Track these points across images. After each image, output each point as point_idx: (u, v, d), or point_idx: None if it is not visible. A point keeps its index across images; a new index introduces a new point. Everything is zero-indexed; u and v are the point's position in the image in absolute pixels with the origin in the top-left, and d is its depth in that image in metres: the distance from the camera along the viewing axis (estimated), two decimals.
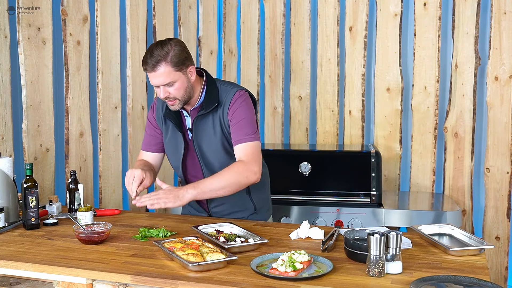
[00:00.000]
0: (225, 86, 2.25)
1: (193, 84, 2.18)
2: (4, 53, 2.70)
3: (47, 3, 2.76)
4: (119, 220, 2.30)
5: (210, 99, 2.20)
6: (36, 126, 2.73)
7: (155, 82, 2.10)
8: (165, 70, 2.06)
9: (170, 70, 2.06)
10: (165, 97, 2.13)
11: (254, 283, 1.52)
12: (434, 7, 3.50)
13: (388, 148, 3.66)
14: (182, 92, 2.13)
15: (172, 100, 2.14)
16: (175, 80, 2.09)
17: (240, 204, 2.32)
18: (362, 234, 1.84)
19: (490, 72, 3.43)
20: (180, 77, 2.10)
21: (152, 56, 2.06)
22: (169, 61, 2.05)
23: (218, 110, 2.20)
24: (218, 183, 2.08)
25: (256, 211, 2.36)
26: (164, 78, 2.07)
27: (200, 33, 3.79)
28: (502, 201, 3.46)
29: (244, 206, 2.33)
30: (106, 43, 3.05)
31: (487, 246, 1.81)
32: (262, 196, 2.39)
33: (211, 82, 2.25)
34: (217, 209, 2.34)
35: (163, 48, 2.07)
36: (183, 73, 2.11)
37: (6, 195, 2.20)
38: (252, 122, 2.20)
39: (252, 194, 2.33)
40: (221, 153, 2.22)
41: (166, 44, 2.08)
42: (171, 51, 2.06)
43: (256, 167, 2.13)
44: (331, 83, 3.76)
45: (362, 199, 3.04)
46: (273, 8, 3.88)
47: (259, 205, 2.37)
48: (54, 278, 1.73)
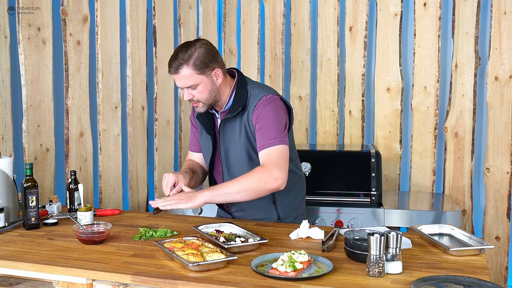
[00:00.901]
0: (255, 90, 2.18)
1: (221, 87, 2.13)
2: (4, 53, 2.70)
3: (47, 3, 2.76)
4: (119, 220, 2.30)
5: (237, 102, 2.15)
6: (36, 126, 2.73)
7: (179, 85, 2.10)
8: (187, 73, 2.05)
9: (192, 73, 2.05)
10: (189, 99, 2.12)
11: (254, 283, 1.52)
12: (434, 7, 3.50)
13: (388, 148, 3.66)
14: (206, 95, 2.10)
15: (196, 102, 2.13)
16: (198, 83, 2.07)
17: (263, 211, 2.25)
18: (362, 234, 1.84)
19: (490, 72, 3.43)
20: (203, 80, 2.07)
21: (176, 58, 2.05)
22: (191, 64, 2.04)
23: (244, 114, 2.15)
24: (234, 187, 2.02)
25: (280, 220, 2.27)
26: (187, 81, 2.06)
27: (200, 33, 3.79)
28: (502, 201, 3.46)
29: (267, 214, 2.26)
30: (106, 43, 3.05)
31: (487, 246, 1.81)
32: (289, 206, 2.28)
33: (241, 84, 2.19)
34: (239, 214, 2.30)
35: (187, 50, 2.05)
36: (206, 76, 2.08)
37: (6, 195, 2.20)
38: (277, 125, 2.09)
39: (277, 202, 2.24)
40: (244, 158, 2.17)
41: (191, 47, 2.06)
42: (195, 53, 2.05)
43: (278, 172, 2.01)
44: (331, 83, 3.76)
45: (362, 199, 3.04)
46: (273, 8, 3.88)
47: (284, 214, 2.27)
48: (54, 278, 1.73)
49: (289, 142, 2.23)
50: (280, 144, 2.07)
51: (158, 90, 3.43)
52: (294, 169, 2.30)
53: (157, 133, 3.46)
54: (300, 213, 2.36)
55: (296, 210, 2.33)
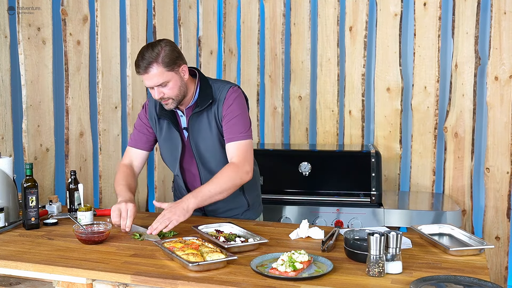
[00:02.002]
0: (217, 84, 2.28)
1: (187, 83, 2.20)
2: (4, 53, 2.70)
3: (47, 3, 2.76)
4: None
5: (204, 96, 2.23)
6: (36, 126, 2.73)
7: (149, 84, 2.12)
8: (157, 71, 2.08)
9: (162, 70, 2.09)
10: (160, 98, 2.15)
11: (254, 283, 1.52)
12: (434, 7, 3.50)
13: (388, 148, 3.66)
14: (176, 91, 2.15)
15: (166, 100, 2.16)
16: (168, 80, 2.11)
17: (234, 201, 2.35)
18: (362, 234, 1.84)
19: (490, 72, 3.43)
20: (173, 76, 2.12)
21: (144, 58, 2.08)
22: (160, 62, 2.08)
23: (213, 107, 2.23)
24: (215, 189, 2.10)
25: (249, 207, 2.40)
26: (157, 79, 2.09)
27: (200, 33, 3.79)
28: (502, 201, 3.46)
29: (238, 203, 2.37)
30: (106, 43, 3.05)
31: (487, 246, 1.81)
32: (254, 193, 2.44)
33: (204, 80, 2.28)
34: (212, 207, 2.35)
35: (153, 49, 2.09)
36: (175, 73, 2.13)
37: (6, 195, 2.20)
38: (245, 119, 2.23)
39: (245, 192, 2.37)
40: (217, 149, 2.25)
41: (156, 46, 2.11)
42: (162, 51, 2.09)
43: (248, 166, 2.18)
44: (331, 83, 3.76)
45: (362, 199, 3.04)
46: (273, 8, 3.87)
47: (252, 201, 2.41)
48: (54, 278, 1.73)
49: None
50: (248, 138, 2.21)
51: None
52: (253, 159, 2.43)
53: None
54: (261, 201, 2.54)
55: (259, 197, 2.51)
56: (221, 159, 2.25)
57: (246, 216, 2.39)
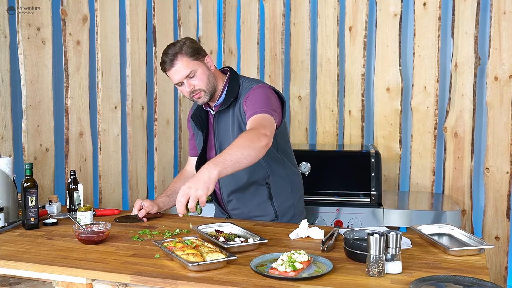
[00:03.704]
0: (246, 82, 2.22)
1: (215, 75, 2.19)
2: (3, 53, 2.70)
3: (47, 3, 2.76)
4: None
5: (230, 93, 2.19)
6: (35, 126, 2.73)
7: (178, 78, 2.11)
8: (183, 63, 2.10)
9: (187, 60, 2.10)
10: (191, 91, 2.13)
11: (254, 283, 1.52)
12: (434, 7, 3.50)
13: (387, 148, 3.66)
14: (206, 80, 2.14)
15: (198, 92, 2.14)
16: (195, 69, 2.12)
17: (259, 208, 2.27)
18: (361, 234, 1.84)
19: (489, 72, 3.43)
20: (199, 66, 2.13)
21: (167, 54, 2.11)
22: (184, 53, 2.10)
23: (236, 106, 2.18)
24: (235, 150, 1.83)
25: (277, 217, 2.27)
26: (184, 70, 2.10)
27: (200, 33, 3.79)
28: (501, 201, 3.46)
29: (264, 211, 2.27)
30: (105, 43, 3.05)
31: (486, 246, 1.81)
32: (286, 203, 2.29)
33: (234, 78, 2.24)
34: (235, 212, 2.31)
35: (175, 45, 2.14)
36: (201, 62, 2.15)
37: (6, 195, 2.20)
38: (265, 100, 2.05)
39: (274, 198, 2.26)
40: None
41: (178, 42, 2.16)
42: (184, 45, 2.12)
43: (264, 130, 1.91)
44: (330, 83, 3.76)
45: (361, 199, 3.04)
46: (273, 8, 3.88)
47: (281, 211, 2.28)
48: (54, 278, 1.73)
49: (284, 135, 2.27)
50: (267, 113, 2.01)
51: (157, 90, 3.43)
52: (291, 165, 2.32)
53: (156, 133, 3.46)
54: (298, 212, 2.35)
55: (293, 208, 2.32)
56: None
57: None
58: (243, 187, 2.24)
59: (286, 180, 2.26)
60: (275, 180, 2.25)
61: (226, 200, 2.30)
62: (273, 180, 2.24)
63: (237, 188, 2.25)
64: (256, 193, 2.25)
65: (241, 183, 2.23)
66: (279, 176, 2.26)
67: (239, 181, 2.23)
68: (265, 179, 2.23)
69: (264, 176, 2.23)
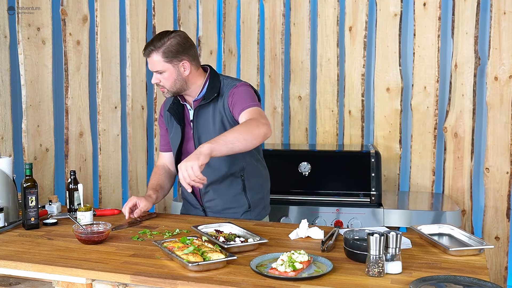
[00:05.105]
0: (228, 80, 2.32)
1: (189, 78, 2.25)
2: (3, 53, 2.70)
3: (46, 3, 2.76)
4: (118, 220, 2.29)
5: (211, 90, 2.28)
6: (35, 126, 2.73)
7: (149, 67, 2.26)
8: (156, 60, 2.20)
9: (160, 60, 2.19)
10: (156, 83, 2.26)
11: (254, 283, 1.52)
12: (433, 7, 3.50)
13: (387, 148, 3.66)
14: (170, 83, 2.23)
15: (161, 87, 2.27)
16: (164, 70, 2.21)
17: (234, 200, 2.34)
18: (361, 234, 1.84)
19: (489, 72, 3.43)
20: (169, 68, 2.21)
21: (150, 44, 2.21)
22: (160, 52, 2.18)
23: (218, 101, 2.26)
24: (232, 133, 2.00)
25: (250, 208, 2.36)
26: (155, 66, 2.21)
27: (200, 33, 3.79)
28: (501, 201, 3.46)
29: (238, 202, 2.35)
30: (105, 43, 3.05)
31: (486, 246, 1.81)
32: (258, 195, 2.40)
33: (214, 75, 2.33)
34: (211, 203, 2.35)
35: (160, 39, 2.20)
36: (173, 66, 2.21)
37: (6, 195, 2.20)
38: (251, 97, 2.21)
39: (247, 191, 2.35)
40: None
41: (166, 36, 2.21)
42: (167, 42, 2.19)
43: (264, 120, 2.07)
44: (330, 83, 3.76)
45: (361, 199, 3.04)
46: (272, 8, 3.87)
47: (254, 203, 2.38)
48: (53, 278, 1.73)
49: None
50: (259, 107, 2.18)
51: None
52: (261, 159, 2.45)
53: (156, 133, 3.46)
54: (267, 205, 2.48)
55: (263, 200, 2.44)
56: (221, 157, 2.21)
57: (246, 217, 2.36)
58: (220, 178, 2.32)
59: (258, 173, 2.39)
60: (249, 172, 2.35)
61: (203, 191, 2.34)
62: (247, 172, 2.34)
63: (215, 180, 2.31)
64: (231, 185, 2.33)
65: (219, 175, 2.31)
66: (253, 169, 2.37)
67: (218, 173, 2.30)
68: (241, 171, 2.33)
69: (240, 168, 2.32)
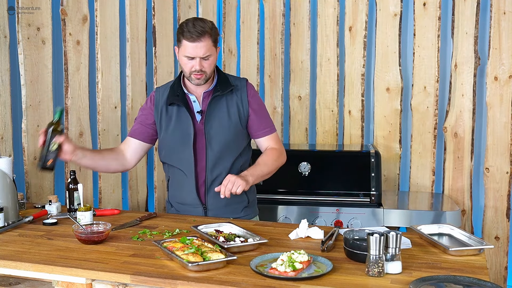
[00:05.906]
0: (231, 76, 2.39)
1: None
2: (3, 53, 2.70)
3: (46, 3, 2.76)
4: (118, 220, 2.29)
5: (224, 83, 2.31)
6: (35, 126, 2.73)
7: (196, 53, 2.16)
8: (207, 43, 2.17)
9: (210, 44, 2.18)
10: (198, 70, 2.19)
11: (254, 283, 1.52)
12: (433, 7, 3.50)
13: (387, 148, 3.66)
14: (213, 67, 2.26)
15: (201, 74, 2.21)
16: (212, 54, 2.20)
17: (235, 197, 2.31)
18: (361, 234, 1.84)
19: (489, 72, 3.43)
20: (214, 53, 2.22)
21: (196, 26, 2.14)
22: (212, 35, 2.18)
23: (233, 94, 2.32)
24: (265, 170, 2.31)
25: (249, 204, 2.43)
26: (206, 50, 2.16)
27: None
28: (501, 201, 3.46)
29: (239, 198, 2.36)
30: (105, 43, 3.05)
31: (486, 246, 1.81)
32: (254, 193, 2.51)
33: (218, 69, 2.39)
34: (214, 200, 2.33)
35: (205, 22, 2.18)
36: (217, 50, 2.24)
37: (6, 195, 2.20)
38: (267, 111, 2.45)
39: None
40: (231, 134, 2.31)
41: (206, 20, 2.22)
42: (213, 27, 2.20)
43: (282, 148, 2.43)
44: (330, 83, 3.76)
45: (361, 199, 3.04)
46: (272, 8, 3.87)
47: (251, 198, 2.45)
48: (53, 278, 1.73)
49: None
50: (275, 130, 2.45)
51: None
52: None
53: None
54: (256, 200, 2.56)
55: (254, 195, 2.52)
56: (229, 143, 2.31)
57: (245, 212, 2.40)
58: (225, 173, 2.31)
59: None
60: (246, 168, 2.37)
61: (208, 186, 2.33)
62: (245, 168, 2.37)
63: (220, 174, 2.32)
64: None
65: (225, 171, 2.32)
66: (248, 165, 2.42)
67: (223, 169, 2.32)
68: (241, 167, 2.38)
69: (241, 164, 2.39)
